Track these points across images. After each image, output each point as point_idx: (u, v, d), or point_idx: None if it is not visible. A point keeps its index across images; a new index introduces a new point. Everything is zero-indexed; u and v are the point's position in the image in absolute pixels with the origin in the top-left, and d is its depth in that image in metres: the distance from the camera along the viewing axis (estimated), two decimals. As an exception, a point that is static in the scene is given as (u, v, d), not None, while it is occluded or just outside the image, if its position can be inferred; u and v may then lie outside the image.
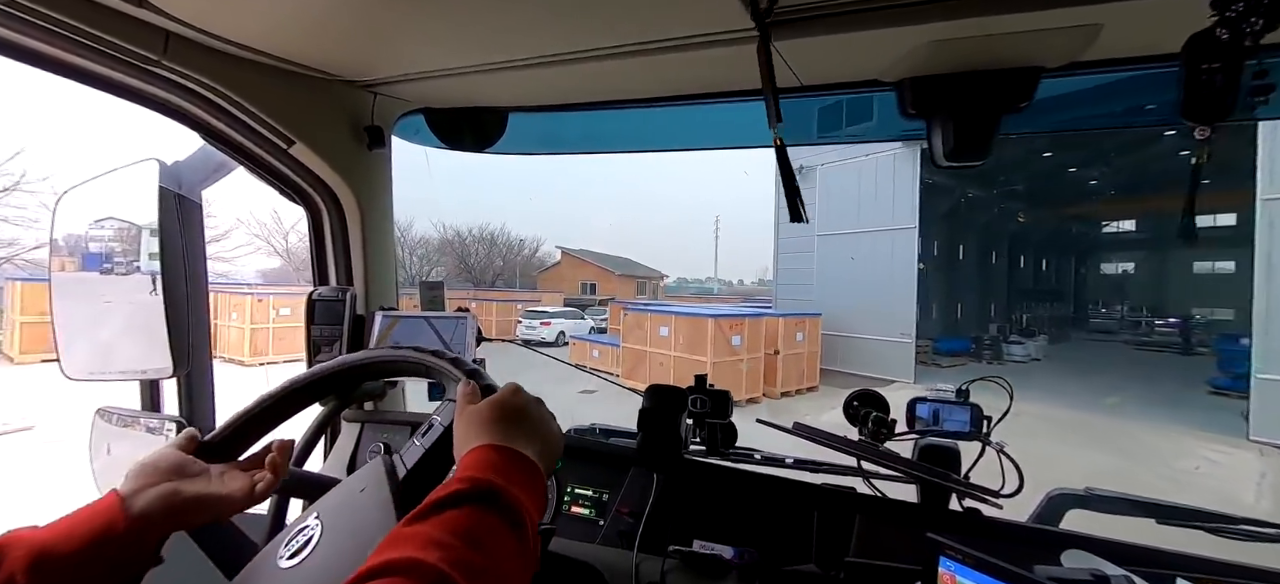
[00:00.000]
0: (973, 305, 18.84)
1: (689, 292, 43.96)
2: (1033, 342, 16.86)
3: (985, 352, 15.98)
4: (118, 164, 1.13)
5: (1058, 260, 28.26)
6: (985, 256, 19.72)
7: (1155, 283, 27.80)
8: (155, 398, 1.19)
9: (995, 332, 17.79)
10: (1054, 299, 26.34)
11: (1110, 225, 29.08)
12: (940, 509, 1.01)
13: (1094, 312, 28.46)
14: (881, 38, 0.83)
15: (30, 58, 0.84)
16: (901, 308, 12.81)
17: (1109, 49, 0.85)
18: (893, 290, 12.93)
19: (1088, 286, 30.81)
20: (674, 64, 0.97)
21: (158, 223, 1.11)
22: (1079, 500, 1.10)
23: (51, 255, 1.18)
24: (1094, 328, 26.42)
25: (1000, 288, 20.98)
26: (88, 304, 1.21)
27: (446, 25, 0.89)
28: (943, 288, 17.17)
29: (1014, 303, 22.13)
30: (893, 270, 13.15)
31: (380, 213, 1.37)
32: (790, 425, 1.12)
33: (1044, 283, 26.41)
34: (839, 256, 14.27)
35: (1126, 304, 28.08)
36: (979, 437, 1.05)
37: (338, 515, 0.55)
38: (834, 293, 14.05)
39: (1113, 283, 30.31)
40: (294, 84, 1.10)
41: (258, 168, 1.20)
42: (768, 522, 1.02)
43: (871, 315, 13.16)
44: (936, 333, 16.00)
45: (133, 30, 0.85)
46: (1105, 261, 31.04)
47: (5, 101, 26.20)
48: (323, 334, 1.29)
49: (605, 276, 35.00)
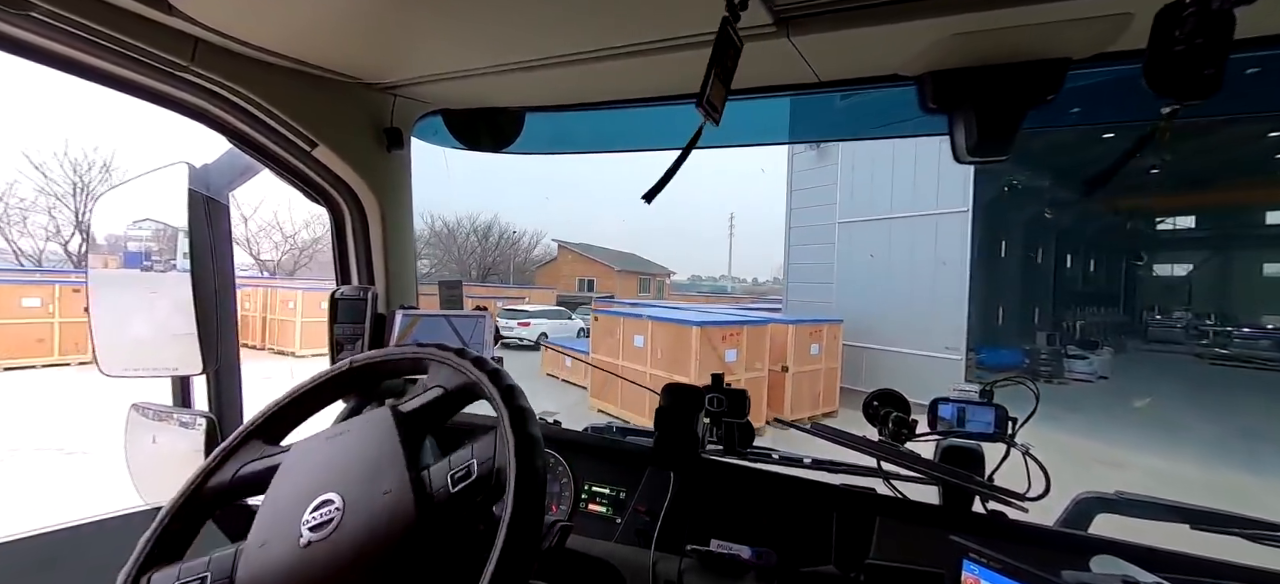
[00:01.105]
0: (1015, 309, 15.88)
1: (702, 290, 42.10)
2: (1097, 354, 13.54)
3: (1041, 366, 12.59)
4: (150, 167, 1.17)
5: (1108, 259, 25.18)
6: (1031, 253, 16.79)
7: (1219, 286, 24.59)
8: (186, 394, 1.23)
9: (1046, 341, 14.66)
10: (1106, 303, 23.39)
11: (1166, 222, 25.79)
12: (963, 512, 0.99)
13: (1150, 318, 24.97)
14: (901, 32, 0.82)
15: (65, 65, 0.87)
16: (947, 314, 9.56)
17: (1140, 39, 0.82)
18: (935, 291, 9.79)
19: (1141, 289, 26.98)
20: (690, 62, 0.97)
21: (187, 224, 1.14)
22: (1108, 504, 1.07)
23: (89, 256, 1.23)
24: (1153, 337, 22.67)
25: (1046, 289, 18.01)
26: (123, 303, 1.26)
27: (464, 27, 0.90)
28: (984, 289, 13.86)
29: (1062, 307, 19.19)
30: (935, 267, 9.85)
31: (400, 213, 1.39)
32: (809, 425, 1.11)
33: (1093, 284, 23.41)
34: (865, 248, 11.18)
35: (1188, 310, 24.43)
36: (1003, 438, 1.03)
37: (357, 489, 0.56)
38: (859, 294, 11.00)
39: (1167, 285, 26.75)
40: (317, 88, 1.12)
41: (282, 169, 1.23)
42: (786, 522, 1.01)
43: (906, 323, 10.07)
44: (977, 341, 12.20)
45: (163, 37, 0.88)
46: (1159, 261, 27.34)
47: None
48: (345, 332, 1.31)
49: (605, 273, 32.52)
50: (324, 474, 0.59)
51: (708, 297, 32.04)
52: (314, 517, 0.54)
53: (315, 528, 0.54)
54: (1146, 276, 27.84)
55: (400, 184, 1.39)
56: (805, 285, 12.38)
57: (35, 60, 0.85)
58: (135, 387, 1.19)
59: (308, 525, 0.54)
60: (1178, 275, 26.93)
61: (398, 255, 1.40)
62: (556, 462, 1.19)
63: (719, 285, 46.05)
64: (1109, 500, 1.08)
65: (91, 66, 0.89)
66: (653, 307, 12.01)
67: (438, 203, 25.43)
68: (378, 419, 0.62)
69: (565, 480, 1.17)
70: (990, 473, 1.03)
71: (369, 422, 0.62)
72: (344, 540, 0.53)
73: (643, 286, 34.23)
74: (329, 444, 0.62)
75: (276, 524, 0.56)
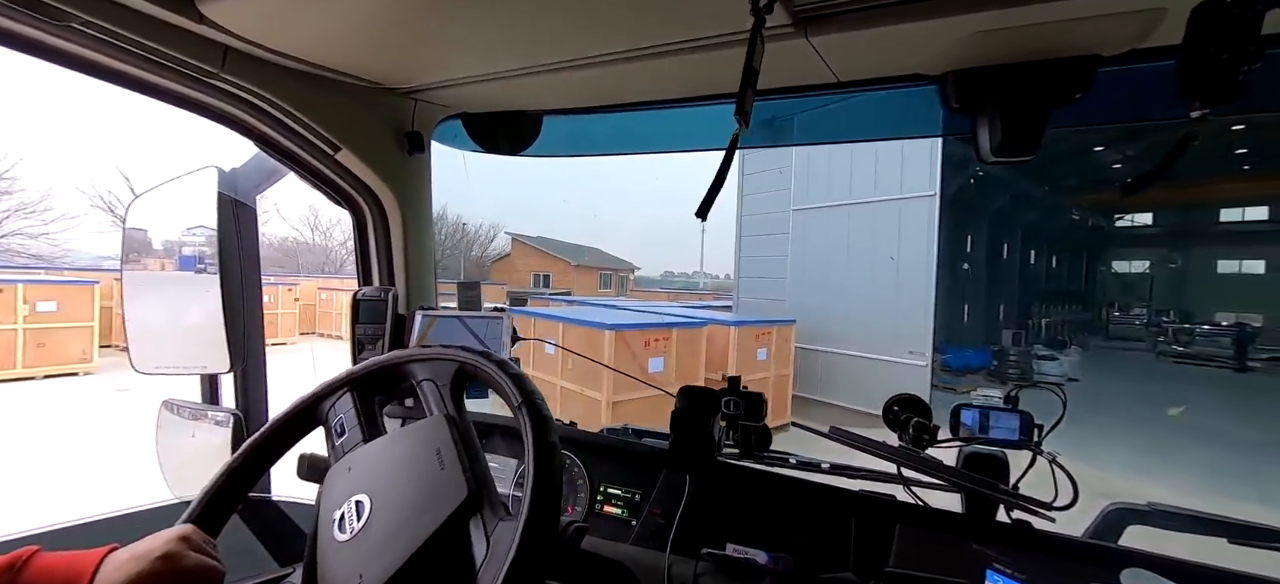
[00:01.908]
0: (982, 307, 15.50)
1: (673, 286, 39.16)
2: (1065, 354, 13.01)
3: (1010, 369, 11.83)
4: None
5: (1071, 256, 25.40)
6: (996, 249, 16.51)
7: (1176, 283, 25.20)
8: (214, 391, 1.26)
9: (1011, 340, 13.98)
10: (1070, 300, 23.55)
11: (1124, 219, 26.33)
12: (987, 520, 0.96)
13: (1112, 315, 25.42)
14: (923, 30, 0.80)
15: (103, 73, 0.90)
16: (910, 312, 8.25)
17: (1173, 34, 0.80)
18: (898, 288, 8.45)
19: (1101, 286, 27.45)
20: (706, 64, 0.96)
21: (217, 226, 1.18)
22: (1140, 515, 1.04)
23: (123, 256, 1.27)
24: (1114, 334, 23.34)
25: (1012, 287, 17.70)
26: (156, 303, 1.30)
27: (484, 32, 0.91)
28: (950, 285, 12.94)
29: (1028, 304, 19.13)
30: (898, 259, 8.49)
31: (420, 216, 1.41)
32: (827, 430, 1.09)
33: (1056, 280, 23.46)
34: (821, 239, 9.53)
35: (1147, 307, 25.12)
36: (1029, 445, 1.00)
37: (384, 487, 0.58)
38: (815, 291, 9.53)
39: (1126, 283, 27.35)
40: (341, 93, 1.15)
41: (306, 173, 1.26)
42: (803, 527, 1.00)
43: (866, 323, 8.72)
44: (943, 341, 11.34)
45: (194, 45, 0.91)
46: (1119, 258, 27.93)
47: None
48: (366, 332, 1.34)
49: (562, 267, 30.33)
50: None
51: (675, 293, 29.47)
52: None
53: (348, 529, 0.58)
54: (1107, 273, 27.97)
55: (421, 187, 1.41)
56: (758, 282, 10.87)
57: (75, 69, 0.88)
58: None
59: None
60: (1137, 272, 27.29)
61: (418, 257, 1.42)
62: (572, 462, 1.19)
63: (691, 281, 43.92)
64: (1141, 511, 1.04)
65: (127, 74, 0.92)
66: (594, 303, 10.64)
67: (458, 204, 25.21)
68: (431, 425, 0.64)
69: (581, 482, 1.18)
70: (1015, 481, 1.00)
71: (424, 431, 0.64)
72: None
73: (604, 282, 32.10)
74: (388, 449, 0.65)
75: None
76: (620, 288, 32.70)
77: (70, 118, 36.98)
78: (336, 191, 1.33)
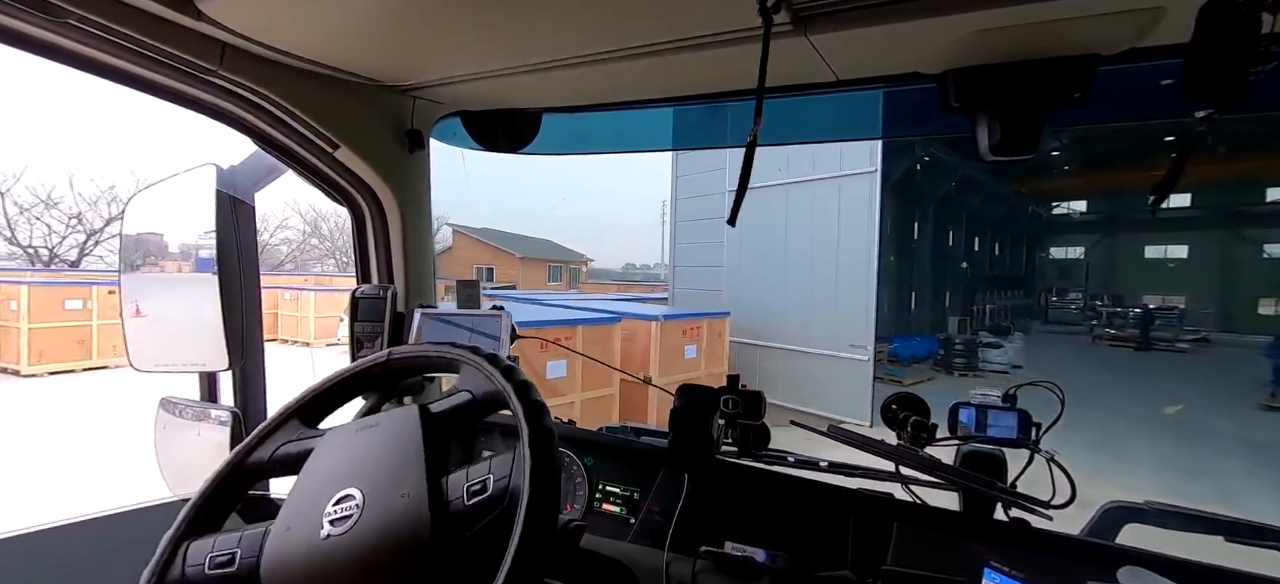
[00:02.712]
0: (929, 295, 15.58)
1: (634, 279, 37.14)
2: (1008, 341, 12.99)
3: (956, 357, 11.65)
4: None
5: (1012, 243, 26.38)
6: (943, 236, 16.65)
7: (1108, 268, 26.76)
8: (213, 390, 1.26)
9: (957, 327, 14.16)
10: (1013, 287, 24.43)
11: (1060, 207, 27.66)
12: (984, 519, 0.97)
13: (1049, 301, 26.61)
14: (923, 28, 0.80)
15: (100, 69, 0.90)
16: (851, 303, 7.58)
17: (1172, 34, 0.80)
18: (837, 276, 7.80)
19: (1040, 273, 28.87)
20: (705, 62, 0.96)
21: (215, 224, 1.17)
22: (1137, 514, 1.04)
23: (121, 254, 1.27)
24: (1053, 319, 24.55)
25: (958, 274, 18.05)
26: (155, 302, 1.30)
27: (484, 30, 0.91)
28: (895, 271, 13.11)
29: (973, 292, 19.62)
30: (837, 246, 7.82)
31: (419, 214, 1.41)
32: (826, 428, 1.10)
33: (1000, 268, 24.30)
34: (760, 222, 8.66)
35: (1083, 292, 26.35)
36: (1027, 444, 1.00)
37: (377, 480, 0.58)
38: (752, 281, 8.92)
39: (1063, 268, 28.67)
40: (339, 90, 1.15)
41: (305, 171, 1.26)
42: (801, 526, 1.00)
43: (805, 314, 8.06)
44: (889, 329, 11.54)
45: (192, 43, 0.91)
46: (1057, 245, 29.34)
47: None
48: (365, 330, 1.34)
49: (507, 260, 28.16)
50: (350, 467, 0.60)
51: (628, 285, 28.06)
52: (335, 510, 0.56)
53: (335, 522, 0.55)
54: (1046, 259, 29.27)
55: (419, 185, 1.41)
56: (695, 271, 10.25)
57: (72, 65, 0.88)
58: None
59: (329, 518, 0.55)
60: (1073, 258, 28.68)
61: (416, 255, 1.42)
62: (571, 461, 1.19)
63: (653, 274, 41.77)
64: (1138, 510, 1.05)
65: (124, 71, 0.92)
66: (515, 298, 9.46)
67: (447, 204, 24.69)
68: (406, 417, 0.63)
69: (579, 479, 1.18)
70: (1013, 479, 1.00)
71: (398, 419, 0.64)
72: (359, 538, 0.54)
73: (553, 275, 29.94)
74: (358, 436, 0.64)
75: (301, 511, 0.58)
76: (572, 281, 30.94)
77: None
78: (335, 189, 1.33)
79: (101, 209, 19.21)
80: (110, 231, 19.05)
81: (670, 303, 10.19)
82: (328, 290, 14.92)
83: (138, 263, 1.28)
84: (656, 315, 6.49)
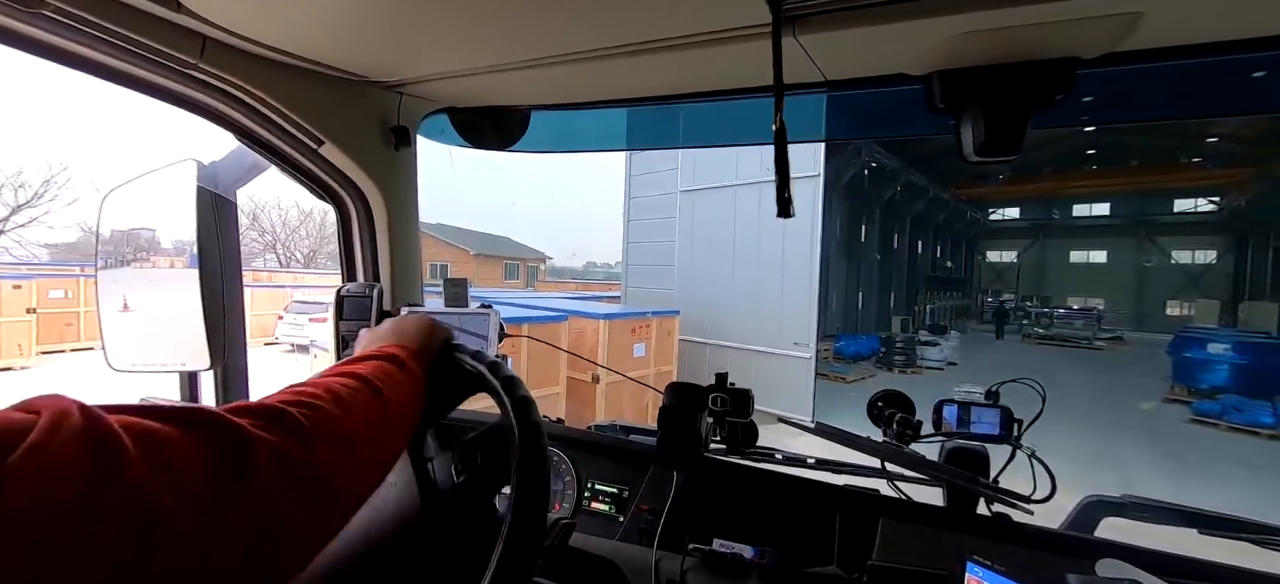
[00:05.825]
0: (874, 296, 16.43)
1: (597, 278, 35.64)
2: (945, 339, 13.52)
3: (896, 354, 12.13)
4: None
5: (952, 246, 27.72)
6: (888, 238, 17.54)
7: (1037, 272, 29.79)
8: (194, 390, 1.24)
9: (900, 326, 14.64)
10: (952, 288, 25.69)
11: (996, 213, 30.60)
12: (968, 513, 0.98)
13: (984, 302, 28.79)
14: (909, 30, 0.81)
15: (76, 62, 0.88)
16: (795, 302, 7.85)
17: (1150, 39, 0.82)
18: (782, 276, 8.06)
19: (977, 275, 31.24)
20: (695, 60, 0.96)
21: (196, 221, 1.15)
22: (1115, 508, 1.07)
23: (98, 251, 1.24)
24: (988, 319, 25.70)
25: (902, 275, 18.85)
26: (133, 298, 1.27)
27: (472, 25, 0.90)
28: (841, 272, 13.65)
29: (915, 292, 20.56)
30: (784, 248, 8.06)
31: (406, 211, 1.39)
32: (813, 425, 1.11)
33: (940, 269, 25.27)
34: (710, 223, 9.03)
35: (1014, 294, 28.57)
36: (1009, 440, 1.02)
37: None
38: (701, 280, 9.17)
39: (997, 271, 31.52)
40: (324, 85, 1.13)
41: (289, 167, 1.24)
42: (789, 522, 1.01)
43: (751, 314, 8.33)
44: (835, 328, 12.16)
45: (172, 35, 0.89)
46: (992, 248, 32.19)
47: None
48: (351, 329, 1.32)
49: (460, 257, 27.43)
50: None
51: (588, 284, 27.66)
52: None
53: None
54: (982, 262, 31.84)
55: (406, 182, 1.39)
56: (647, 270, 10.36)
57: (47, 58, 0.85)
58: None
59: None
60: (1006, 261, 31.77)
61: (403, 253, 1.40)
62: (560, 460, 1.19)
63: (614, 272, 43.11)
64: (1116, 504, 1.07)
65: (102, 64, 0.90)
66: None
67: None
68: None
69: (568, 478, 1.17)
70: (995, 475, 1.02)
71: None
72: (349, 531, 0.53)
73: (509, 273, 29.46)
74: None
75: None
76: (530, 279, 30.55)
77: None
78: (320, 186, 1.31)
79: (5, 196, 18.57)
80: (17, 221, 18.65)
81: (623, 302, 10.19)
82: (265, 286, 14.05)
83: (128, 258, 1.25)
84: (606, 315, 6.42)
